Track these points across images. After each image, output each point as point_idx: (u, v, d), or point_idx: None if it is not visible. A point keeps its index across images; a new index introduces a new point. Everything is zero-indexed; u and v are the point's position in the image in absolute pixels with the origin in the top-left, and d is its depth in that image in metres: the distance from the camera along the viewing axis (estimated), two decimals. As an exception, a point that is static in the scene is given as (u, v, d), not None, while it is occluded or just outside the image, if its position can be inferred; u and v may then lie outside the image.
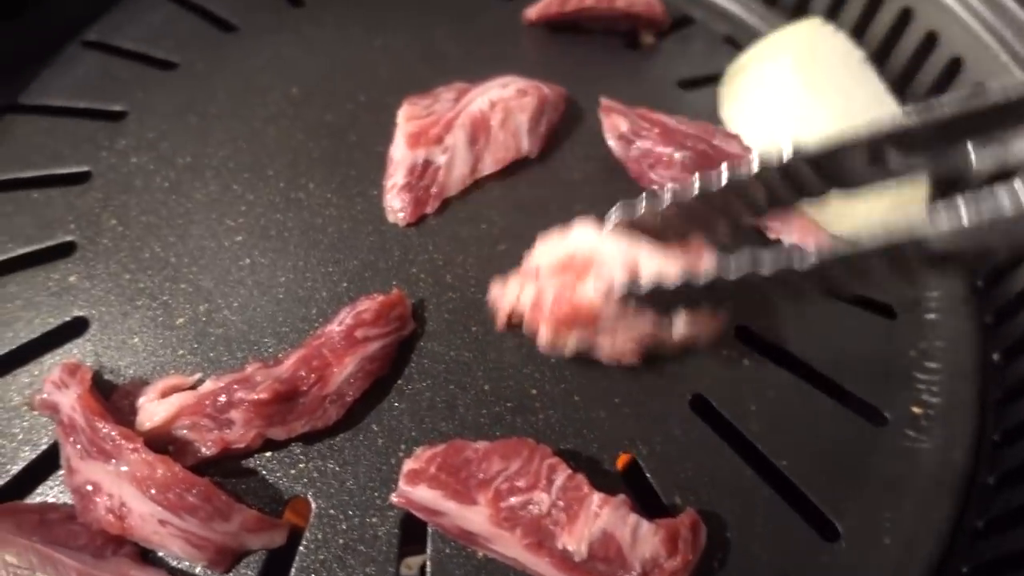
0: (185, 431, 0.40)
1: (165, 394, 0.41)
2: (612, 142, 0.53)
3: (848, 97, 0.54)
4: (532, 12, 0.63)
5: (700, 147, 0.51)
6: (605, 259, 0.42)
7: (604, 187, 0.53)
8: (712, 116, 0.59)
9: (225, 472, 0.41)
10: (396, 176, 0.50)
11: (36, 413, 0.42)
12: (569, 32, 0.64)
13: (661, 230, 0.42)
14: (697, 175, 0.39)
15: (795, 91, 0.54)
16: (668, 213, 0.41)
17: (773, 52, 0.58)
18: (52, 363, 0.44)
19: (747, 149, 0.52)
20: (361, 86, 0.56)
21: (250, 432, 0.40)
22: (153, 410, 0.40)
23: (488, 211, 0.51)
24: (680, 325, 0.43)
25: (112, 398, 0.42)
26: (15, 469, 0.41)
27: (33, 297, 0.46)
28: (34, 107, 0.56)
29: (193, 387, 0.42)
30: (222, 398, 0.40)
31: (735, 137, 0.53)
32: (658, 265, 0.41)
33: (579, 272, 0.42)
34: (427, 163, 0.50)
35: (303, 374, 0.41)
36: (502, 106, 0.52)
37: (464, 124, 0.51)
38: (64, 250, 0.48)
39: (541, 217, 0.49)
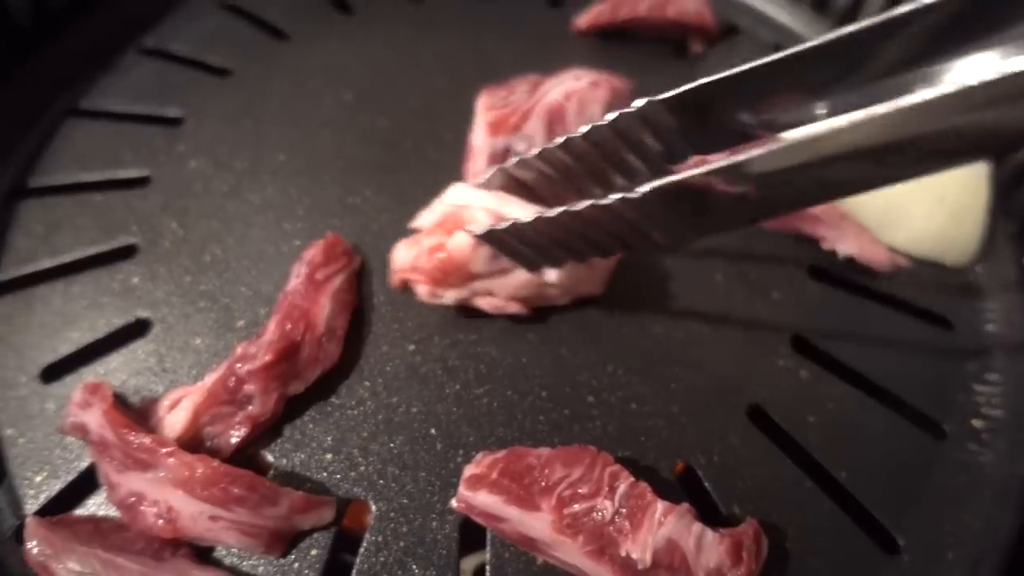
0: (211, 426, 0.41)
1: (175, 404, 0.42)
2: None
3: None
4: (583, 20, 0.63)
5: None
6: (475, 212, 0.44)
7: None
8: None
9: (286, 478, 0.41)
10: (477, 162, 0.51)
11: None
12: (617, 39, 0.65)
13: (540, 190, 0.45)
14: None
15: None
16: (542, 169, 0.43)
17: None
18: (117, 363, 0.45)
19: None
20: (413, 92, 0.57)
21: (271, 398, 0.41)
22: (172, 420, 0.41)
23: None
24: (553, 275, 0.44)
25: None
26: (83, 465, 0.42)
27: (97, 298, 0.47)
28: (94, 112, 0.57)
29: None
30: (231, 380, 0.41)
31: None
32: (525, 214, 0.42)
33: (451, 228, 0.44)
34: (507, 150, 0.51)
35: (290, 327, 0.43)
36: (577, 97, 0.52)
37: (541, 113, 0.51)
38: (126, 252, 0.49)
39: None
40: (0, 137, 0.55)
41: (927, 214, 0.51)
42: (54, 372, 0.45)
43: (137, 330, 0.46)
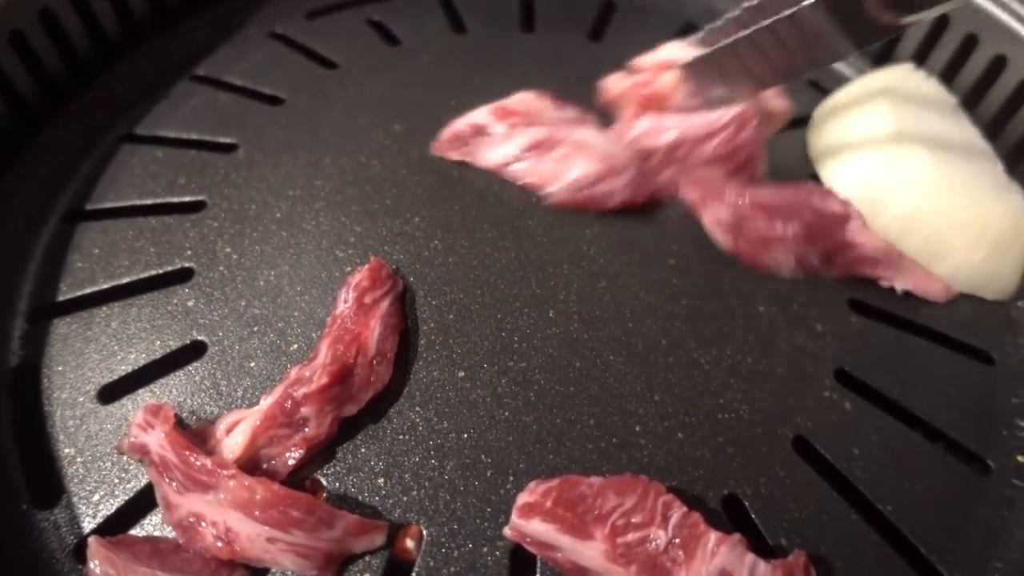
0: (267, 449, 0.42)
1: (232, 427, 0.42)
2: (719, 235, 0.53)
3: (944, 141, 0.54)
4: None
5: (805, 215, 0.51)
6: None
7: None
8: (801, 158, 0.60)
9: (339, 501, 0.42)
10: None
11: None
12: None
13: None
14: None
15: (891, 135, 0.54)
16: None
17: (866, 96, 0.58)
18: (173, 384, 0.46)
19: (846, 204, 0.51)
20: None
21: (326, 420, 0.42)
22: (230, 444, 0.42)
23: (589, 248, 0.53)
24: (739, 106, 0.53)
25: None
26: (140, 485, 0.43)
27: (154, 320, 0.48)
28: (150, 137, 0.59)
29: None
30: (287, 404, 0.42)
31: (830, 194, 0.52)
32: None
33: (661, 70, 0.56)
34: None
35: (342, 350, 0.44)
36: None
37: None
38: (182, 276, 0.50)
39: (640, 255, 0.51)
40: (59, 161, 0.57)
41: (968, 248, 0.51)
42: (112, 393, 0.46)
43: (193, 353, 0.47)
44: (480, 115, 0.56)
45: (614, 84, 0.58)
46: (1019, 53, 0.61)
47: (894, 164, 0.54)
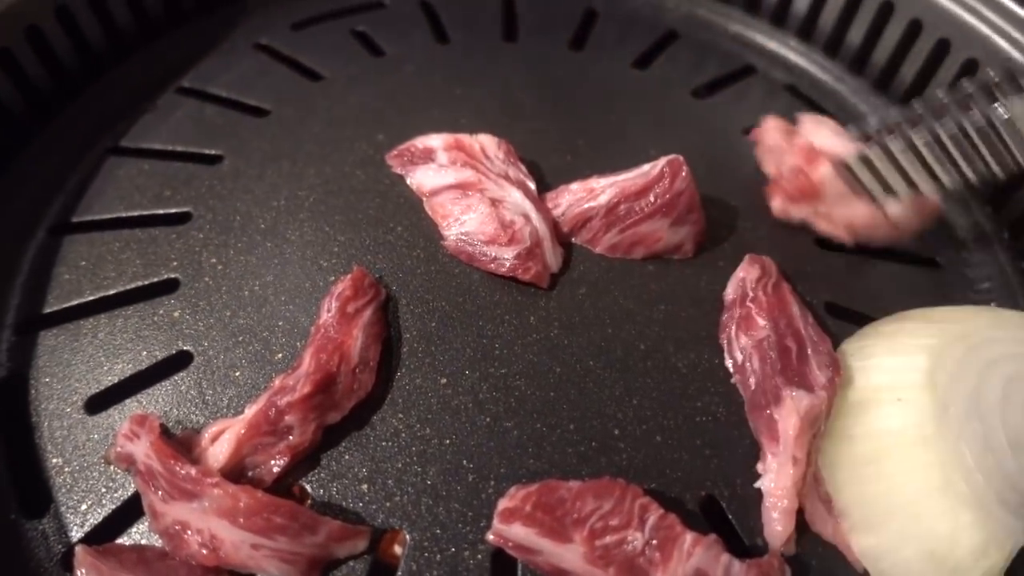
0: (252, 457, 0.43)
1: (217, 436, 0.43)
2: (732, 283, 0.52)
3: (979, 408, 0.43)
4: None
5: (790, 345, 0.47)
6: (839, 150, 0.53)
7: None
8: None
9: (323, 507, 0.42)
10: None
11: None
12: (638, 87, 0.67)
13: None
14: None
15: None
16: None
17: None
18: (159, 394, 0.46)
19: (831, 387, 0.44)
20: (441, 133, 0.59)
21: (309, 428, 0.43)
22: (215, 452, 0.42)
23: (569, 255, 0.54)
24: (894, 206, 0.53)
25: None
26: (126, 494, 0.43)
27: (140, 331, 0.49)
28: (136, 150, 0.59)
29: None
30: (271, 412, 0.43)
31: (835, 369, 0.45)
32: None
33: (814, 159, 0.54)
34: None
35: (325, 359, 0.44)
36: None
37: None
38: (168, 286, 0.51)
39: (619, 261, 0.52)
40: (46, 174, 0.57)
41: (910, 550, 0.41)
42: (99, 403, 0.46)
43: (179, 363, 0.48)
44: (435, 141, 0.56)
45: (771, 141, 0.58)
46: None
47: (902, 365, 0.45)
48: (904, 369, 0.44)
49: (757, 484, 0.44)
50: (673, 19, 0.76)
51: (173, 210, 0.55)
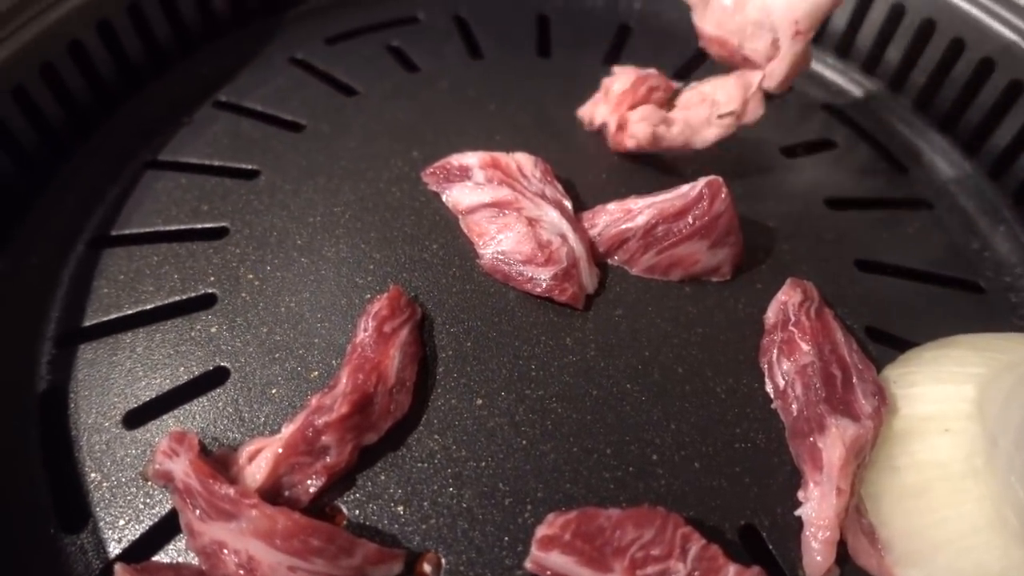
0: (288, 476, 0.43)
1: (255, 455, 0.43)
2: (774, 306, 0.51)
3: None
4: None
5: (835, 372, 0.46)
6: None
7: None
8: (814, 184, 0.61)
9: (359, 529, 0.42)
10: None
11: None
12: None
13: None
14: None
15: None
16: None
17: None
18: (197, 410, 0.46)
19: (877, 416, 0.43)
20: (477, 149, 0.59)
21: (346, 448, 0.43)
22: (252, 471, 0.42)
23: (606, 275, 0.53)
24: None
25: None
26: (164, 511, 0.43)
27: (178, 346, 0.49)
28: (173, 163, 0.60)
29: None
30: (309, 432, 0.42)
31: (881, 397, 0.44)
32: None
33: None
34: None
35: (362, 379, 0.44)
36: None
37: None
38: (206, 302, 0.51)
39: (656, 283, 0.52)
40: (85, 188, 0.58)
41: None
42: (137, 418, 0.46)
43: (216, 379, 0.48)
44: (471, 158, 0.56)
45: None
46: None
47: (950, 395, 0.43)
48: (951, 399, 0.43)
49: (798, 512, 0.43)
50: (707, 35, 0.75)
51: (210, 224, 0.55)
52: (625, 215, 0.52)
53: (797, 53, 0.53)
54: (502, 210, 0.52)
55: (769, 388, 0.48)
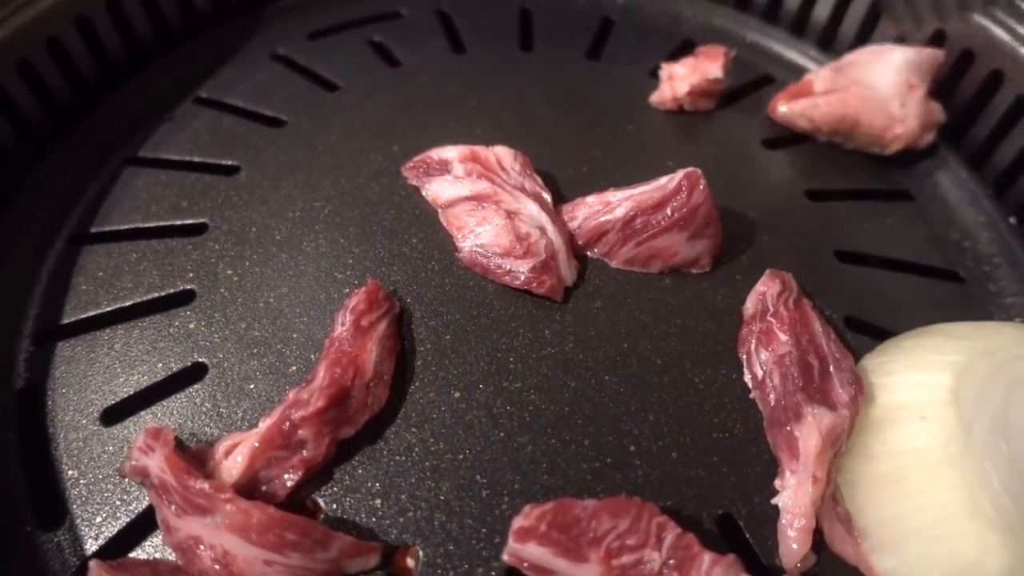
0: (265, 470, 0.42)
1: (231, 449, 0.43)
2: (752, 297, 0.51)
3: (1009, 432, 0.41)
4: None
5: (812, 361, 0.46)
6: None
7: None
8: (797, 174, 0.61)
9: (336, 522, 0.42)
10: None
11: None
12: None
13: None
14: None
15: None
16: None
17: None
18: (175, 406, 0.46)
19: (853, 405, 0.44)
20: (458, 143, 0.59)
21: (323, 442, 0.43)
22: (229, 466, 0.42)
23: (585, 268, 0.53)
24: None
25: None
26: (141, 507, 0.43)
27: (157, 342, 0.49)
28: (153, 160, 0.60)
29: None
30: (285, 426, 0.42)
31: (858, 387, 0.45)
32: None
33: None
34: None
35: (339, 372, 0.44)
36: None
37: None
38: (184, 298, 0.51)
39: (635, 275, 0.52)
40: (64, 184, 0.58)
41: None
42: (114, 414, 0.46)
43: (194, 375, 0.48)
44: (451, 152, 0.55)
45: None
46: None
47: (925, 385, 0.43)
48: (927, 386, 0.44)
49: (774, 500, 0.43)
50: (690, 29, 0.75)
51: (190, 221, 0.55)
52: (604, 207, 0.52)
53: (919, 103, 0.59)
54: (481, 203, 0.52)
55: (747, 378, 0.48)
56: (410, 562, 0.42)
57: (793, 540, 0.41)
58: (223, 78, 0.66)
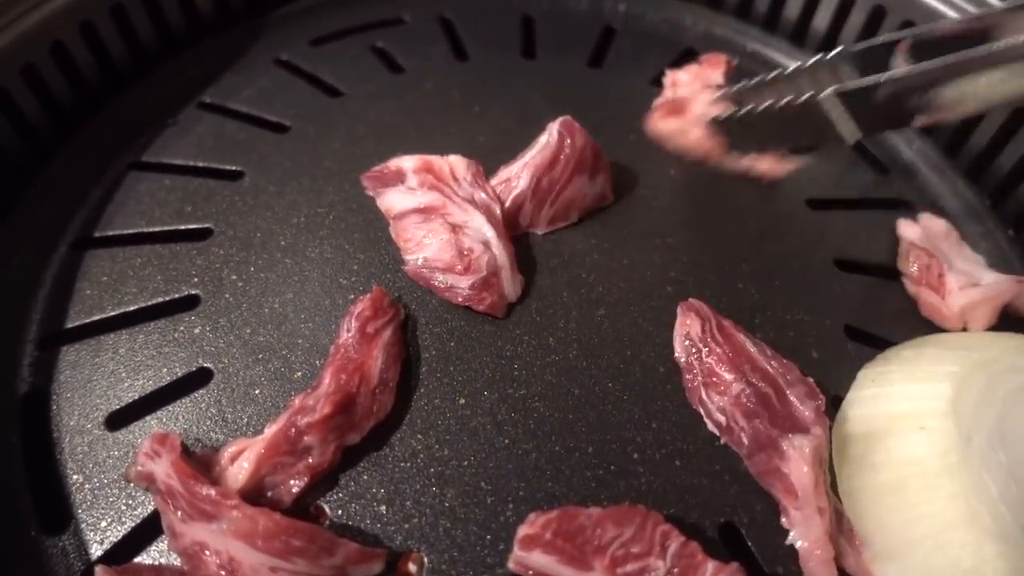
0: (271, 476, 0.43)
1: (237, 455, 0.43)
2: (677, 342, 0.50)
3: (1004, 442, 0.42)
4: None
5: (766, 390, 0.45)
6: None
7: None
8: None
9: (342, 528, 0.42)
10: None
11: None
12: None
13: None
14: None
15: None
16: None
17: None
18: (180, 411, 0.46)
19: (820, 419, 0.44)
20: (460, 150, 0.59)
21: (329, 449, 0.43)
22: (234, 472, 0.42)
23: (588, 275, 0.54)
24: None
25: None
26: (146, 512, 0.43)
27: (161, 347, 0.49)
28: (157, 165, 0.60)
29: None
30: (291, 432, 0.43)
31: (815, 397, 0.45)
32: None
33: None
34: None
35: (345, 379, 0.44)
36: None
37: None
38: (189, 303, 0.51)
39: (638, 283, 0.52)
40: (68, 189, 0.58)
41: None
42: (119, 419, 0.46)
43: (199, 380, 0.48)
44: (407, 162, 0.55)
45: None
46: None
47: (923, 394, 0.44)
48: (927, 397, 0.44)
49: (788, 541, 0.43)
50: (691, 37, 0.76)
51: (194, 226, 0.55)
52: (507, 185, 0.54)
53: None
54: (428, 216, 0.52)
55: (711, 427, 0.47)
56: (414, 568, 0.42)
57: (819, 574, 0.41)
58: (227, 83, 0.66)
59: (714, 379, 0.47)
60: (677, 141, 0.60)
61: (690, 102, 0.61)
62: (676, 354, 0.50)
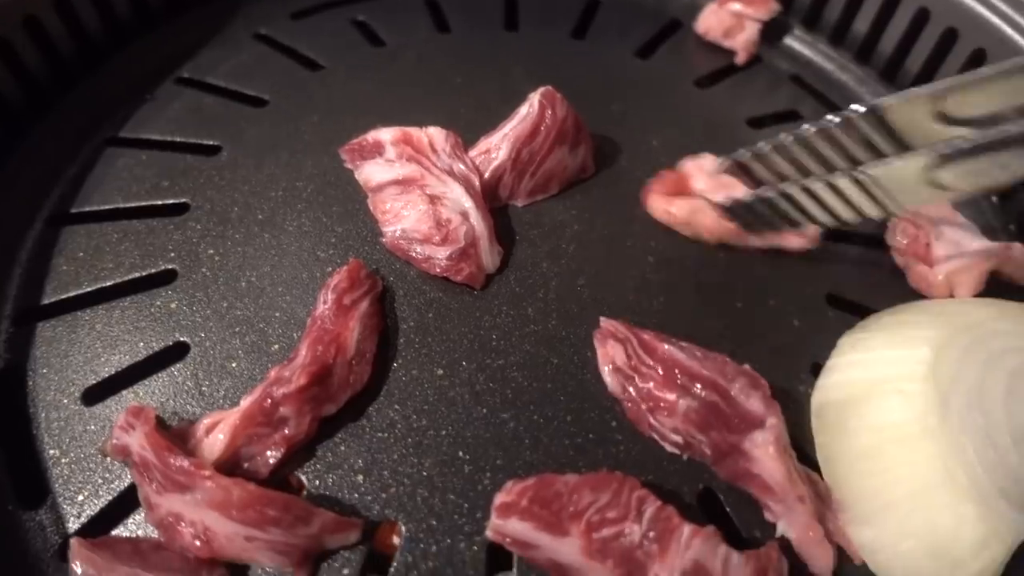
0: (247, 448, 0.42)
1: (212, 427, 0.43)
2: (605, 375, 0.47)
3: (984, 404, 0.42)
4: None
5: (711, 397, 0.43)
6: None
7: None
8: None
9: (319, 498, 0.42)
10: None
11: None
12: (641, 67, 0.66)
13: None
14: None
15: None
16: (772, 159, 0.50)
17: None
18: (156, 386, 0.46)
19: (771, 406, 0.43)
20: (441, 122, 0.58)
21: (305, 420, 0.43)
22: (210, 444, 0.42)
23: (568, 246, 0.53)
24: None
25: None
26: (123, 485, 0.43)
27: (138, 322, 0.49)
28: (134, 140, 0.59)
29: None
30: (267, 403, 0.42)
31: (759, 387, 0.43)
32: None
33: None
34: None
35: (321, 350, 0.44)
36: None
37: None
38: (166, 278, 0.51)
39: (618, 252, 0.52)
40: (44, 165, 0.57)
41: (904, 531, 0.41)
42: (96, 394, 0.46)
43: (176, 354, 0.47)
44: (385, 134, 0.54)
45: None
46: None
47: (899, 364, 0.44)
48: (906, 361, 0.44)
49: (779, 533, 0.42)
50: (676, 8, 0.75)
51: (171, 201, 0.55)
52: (487, 156, 0.54)
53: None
54: (407, 187, 0.52)
55: (671, 448, 0.45)
56: (394, 538, 0.42)
57: (819, 558, 0.41)
58: (205, 58, 0.65)
59: (657, 404, 0.44)
60: (690, 226, 0.54)
61: (690, 178, 0.56)
62: (609, 388, 0.47)
